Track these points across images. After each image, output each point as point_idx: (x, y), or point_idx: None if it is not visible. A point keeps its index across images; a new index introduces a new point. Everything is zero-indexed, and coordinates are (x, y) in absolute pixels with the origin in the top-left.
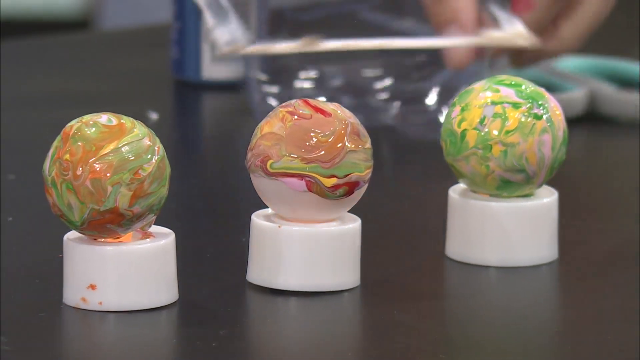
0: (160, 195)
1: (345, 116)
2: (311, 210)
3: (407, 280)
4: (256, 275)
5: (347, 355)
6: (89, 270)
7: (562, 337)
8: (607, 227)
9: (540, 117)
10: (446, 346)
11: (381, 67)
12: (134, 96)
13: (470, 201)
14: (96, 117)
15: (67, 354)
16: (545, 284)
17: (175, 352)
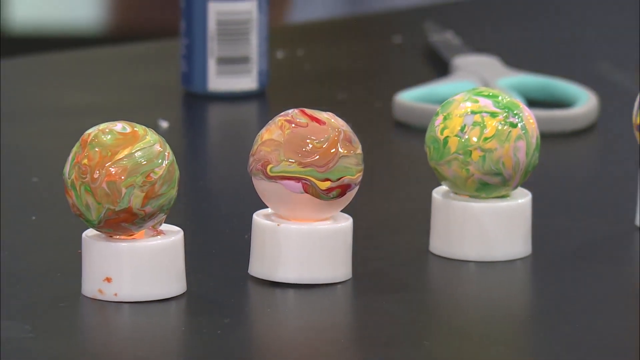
0: (170, 196)
1: (338, 124)
2: (307, 210)
3: (395, 273)
4: (257, 269)
5: (340, 341)
6: (105, 265)
7: (536, 325)
8: (577, 226)
9: (515, 125)
10: (429, 333)
11: None
12: (146, 106)
13: (452, 202)
14: (112, 125)
15: (85, 341)
16: (520, 277)
17: (183, 339)
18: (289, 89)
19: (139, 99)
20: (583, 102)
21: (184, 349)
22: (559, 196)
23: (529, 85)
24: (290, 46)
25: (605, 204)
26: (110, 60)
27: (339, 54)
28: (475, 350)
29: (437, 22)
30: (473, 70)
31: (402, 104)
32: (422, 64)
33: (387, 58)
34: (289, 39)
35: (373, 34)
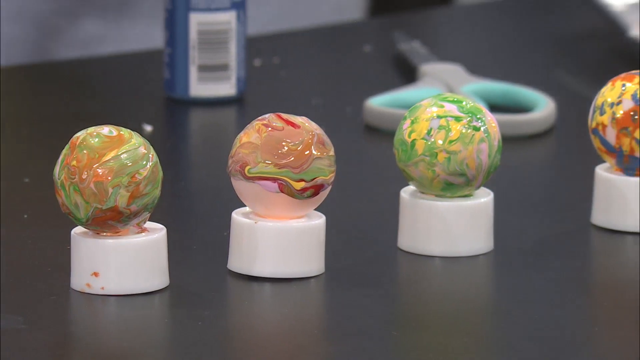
0: (154, 195)
1: (312, 128)
2: (283, 208)
3: (365, 268)
4: (236, 264)
5: (314, 332)
6: (93, 260)
7: (497, 316)
8: (536, 223)
9: (478, 128)
10: (398, 324)
11: None
12: (132, 111)
13: (419, 201)
14: (99, 129)
15: (74, 332)
16: (482, 272)
17: (167, 330)
18: (266, 95)
19: (125, 105)
20: (542, 107)
21: (167, 340)
22: (519, 195)
23: (491, 91)
24: (267, 54)
25: (562, 202)
26: (100, 69)
27: (312, 62)
28: (441, 340)
29: (405, 32)
30: (438, 77)
31: (371, 109)
32: (390, 71)
33: (358, 66)
34: (266, 47)
35: (345, 43)
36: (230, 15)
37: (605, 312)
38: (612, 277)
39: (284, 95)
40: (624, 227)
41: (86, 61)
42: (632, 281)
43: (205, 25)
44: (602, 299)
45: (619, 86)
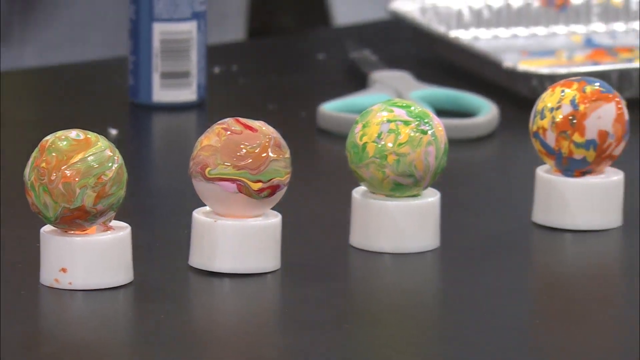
0: (119, 196)
1: (269, 132)
2: (241, 208)
3: (319, 264)
4: (196, 261)
5: (270, 325)
6: (61, 257)
7: (444, 310)
8: (480, 221)
9: (426, 132)
10: (350, 317)
11: None
12: (98, 116)
13: (370, 200)
14: (67, 132)
15: (43, 325)
16: (430, 268)
17: (131, 323)
18: (225, 101)
19: (92, 110)
20: (485, 111)
21: (132, 332)
22: (465, 195)
23: (437, 96)
24: (226, 62)
25: (505, 202)
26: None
27: (269, 69)
28: (391, 332)
29: (356, 40)
30: (388, 84)
31: (325, 114)
32: (342, 78)
33: (312, 73)
34: (225, 55)
35: (299, 52)
36: (191, 25)
37: (545, 305)
38: (551, 272)
39: (242, 100)
40: (562, 225)
41: (55, 68)
42: (571, 276)
43: (168, 34)
44: (542, 293)
45: (559, 92)
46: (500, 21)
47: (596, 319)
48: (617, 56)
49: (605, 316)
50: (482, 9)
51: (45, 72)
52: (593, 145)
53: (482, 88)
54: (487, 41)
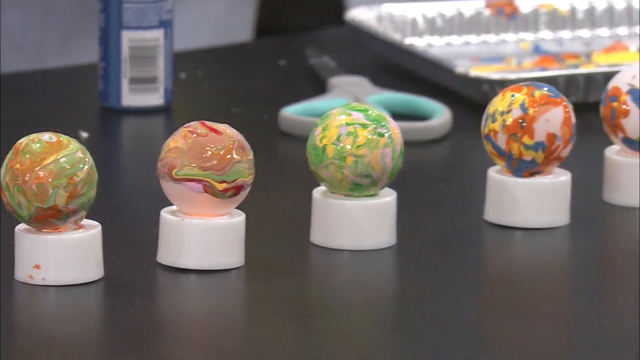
0: (90, 196)
1: (233, 134)
2: (206, 207)
3: (281, 260)
4: (164, 257)
5: (235, 318)
6: (35, 254)
7: (400, 303)
8: (434, 220)
9: (382, 135)
10: (311, 311)
11: None
12: (69, 119)
13: (329, 200)
14: (40, 135)
15: (17, 319)
16: (387, 264)
17: (101, 317)
18: (191, 105)
19: (64, 113)
20: (439, 115)
21: (102, 326)
22: (420, 195)
23: (393, 101)
24: (191, 68)
25: (458, 201)
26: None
27: (233, 74)
28: (350, 325)
29: (316, 48)
30: (346, 89)
31: (286, 117)
32: (303, 83)
33: (274, 78)
34: (190, 62)
35: (262, 58)
36: (158, 32)
37: (497, 299)
38: (503, 268)
39: (207, 104)
40: (513, 224)
41: (29, 73)
42: (521, 271)
43: (136, 41)
44: (494, 287)
45: (509, 96)
46: (452, 29)
47: (543, 311)
48: (563, 62)
49: (552, 309)
50: (435, 18)
51: (18, 77)
52: (542, 147)
53: (435, 93)
54: (440, 48)
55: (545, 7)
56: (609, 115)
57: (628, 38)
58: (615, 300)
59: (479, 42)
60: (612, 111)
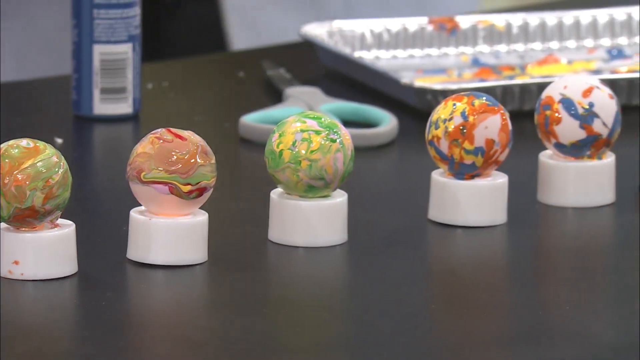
0: (65, 197)
1: (196, 140)
2: (172, 207)
3: (241, 256)
4: (133, 254)
5: (199, 310)
6: (13, 251)
7: (352, 296)
8: (383, 219)
9: (334, 140)
10: (269, 303)
11: None
12: (45, 127)
13: (286, 201)
14: (19, 141)
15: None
16: (339, 259)
17: (76, 309)
18: (157, 113)
19: (40, 121)
20: (386, 122)
21: (76, 317)
22: (369, 196)
23: (344, 109)
24: (157, 79)
25: (404, 201)
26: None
27: (196, 85)
28: (304, 316)
29: (272, 61)
30: (301, 98)
31: (245, 125)
32: (261, 93)
33: (234, 89)
34: (157, 73)
35: (223, 70)
36: (127, 46)
37: (440, 291)
38: (445, 263)
39: (173, 113)
40: (454, 222)
41: (9, 85)
42: (462, 265)
43: (106, 54)
44: (437, 281)
45: (451, 105)
46: (398, 43)
47: (482, 302)
48: (500, 74)
49: (490, 300)
50: (382, 32)
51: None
52: (481, 152)
53: (383, 102)
54: (387, 61)
55: (483, 23)
56: (543, 122)
57: (559, 51)
58: (549, 292)
59: (422, 55)
60: (545, 119)
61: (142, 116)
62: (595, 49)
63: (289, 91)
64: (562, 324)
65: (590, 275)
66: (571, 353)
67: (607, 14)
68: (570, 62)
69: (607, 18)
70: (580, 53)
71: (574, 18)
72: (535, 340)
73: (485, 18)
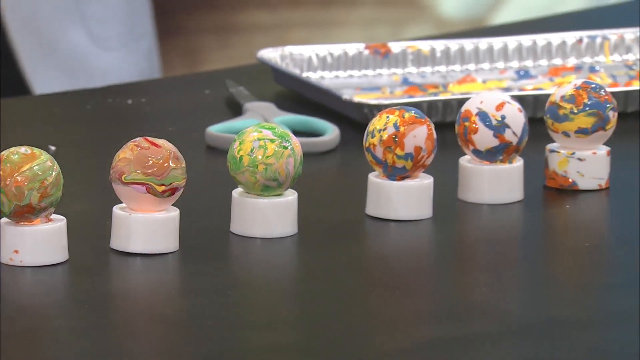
0: (57, 196)
1: (169, 147)
2: (149, 204)
3: (207, 247)
4: (116, 244)
5: (171, 292)
6: (14, 241)
7: (301, 283)
8: (327, 214)
9: (286, 147)
10: (230, 286)
11: None
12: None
13: (245, 199)
14: (18, 148)
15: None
16: (290, 249)
17: (66, 290)
18: (136, 124)
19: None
20: (330, 132)
21: (67, 297)
22: (316, 195)
23: (294, 121)
24: (137, 96)
25: (346, 199)
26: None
27: (169, 100)
28: (260, 297)
29: (234, 80)
30: (258, 112)
31: (211, 134)
32: (224, 107)
33: (201, 103)
34: (136, 91)
35: (191, 88)
36: None
37: (376, 276)
38: (380, 252)
39: (149, 124)
40: (388, 217)
41: None
42: (395, 254)
43: None
44: (374, 267)
45: (384, 117)
46: (339, 65)
47: (413, 286)
48: (426, 91)
49: (419, 284)
50: (326, 56)
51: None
52: (410, 157)
53: (327, 115)
54: (330, 80)
55: (411, 48)
56: (462, 132)
57: (475, 72)
58: (469, 277)
59: (360, 75)
60: (464, 129)
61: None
62: (505, 70)
63: (247, 105)
64: (480, 304)
65: (503, 262)
66: (488, 328)
67: (515, 41)
68: (485, 81)
69: (515, 44)
70: (493, 73)
71: (487, 44)
72: (458, 318)
73: (413, 44)
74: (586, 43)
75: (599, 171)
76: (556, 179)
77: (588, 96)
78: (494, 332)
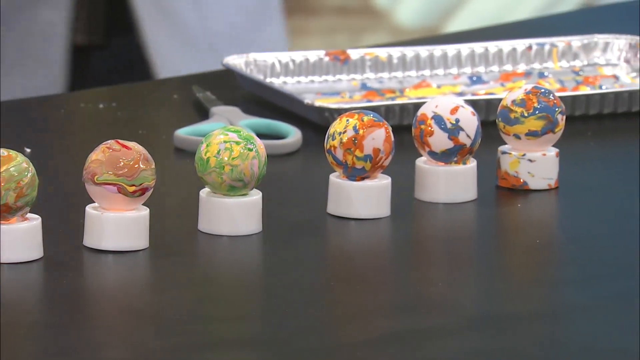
0: (33, 196)
1: (140, 149)
2: (120, 204)
3: (176, 244)
4: (89, 241)
5: (142, 286)
6: None
7: (265, 274)
8: (291, 212)
9: (251, 149)
10: (198, 282)
11: None
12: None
13: (212, 198)
14: None
15: None
16: (255, 245)
17: (40, 287)
18: (108, 128)
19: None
20: (292, 135)
21: (42, 293)
22: (279, 194)
23: (259, 124)
24: (108, 100)
25: (308, 198)
26: None
27: (139, 104)
28: (227, 291)
29: (201, 85)
30: (224, 115)
31: (179, 137)
32: (192, 111)
33: (170, 108)
34: (107, 95)
35: (160, 93)
36: None
37: (337, 271)
38: (341, 248)
39: (120, 127)
40: (348, 215)
41: None
42: (355, 251)
43: None
44: (335, 262)
45: (344, 121)
46: (301, 71)
47: (372, 281)
48: (384, 96)
49: (378, 279)
50: (288, 62)
51: None
52: (369, 159)
53: (289, 118)
54: (292, 85)
55: (370, 55)
56: (419, 134)
57: (430, 78)
58: (426, 273)
59: (321, 81)
60: (420, 132)
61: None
62: (459, 76)
63: (214, 110)
64: (436, 298)
65: (458, 258)
66: (444, 321)
67: (468, 48)
68: (440, 86)
69: (468, 51)
70: (447, 79)
71: (442, 51)
72: (415, 311)
73: (371, 51)
74: (535, 50)
75: (549, 172)
76: (508, 179)
77: (538, 100)
78: (450, 325)
